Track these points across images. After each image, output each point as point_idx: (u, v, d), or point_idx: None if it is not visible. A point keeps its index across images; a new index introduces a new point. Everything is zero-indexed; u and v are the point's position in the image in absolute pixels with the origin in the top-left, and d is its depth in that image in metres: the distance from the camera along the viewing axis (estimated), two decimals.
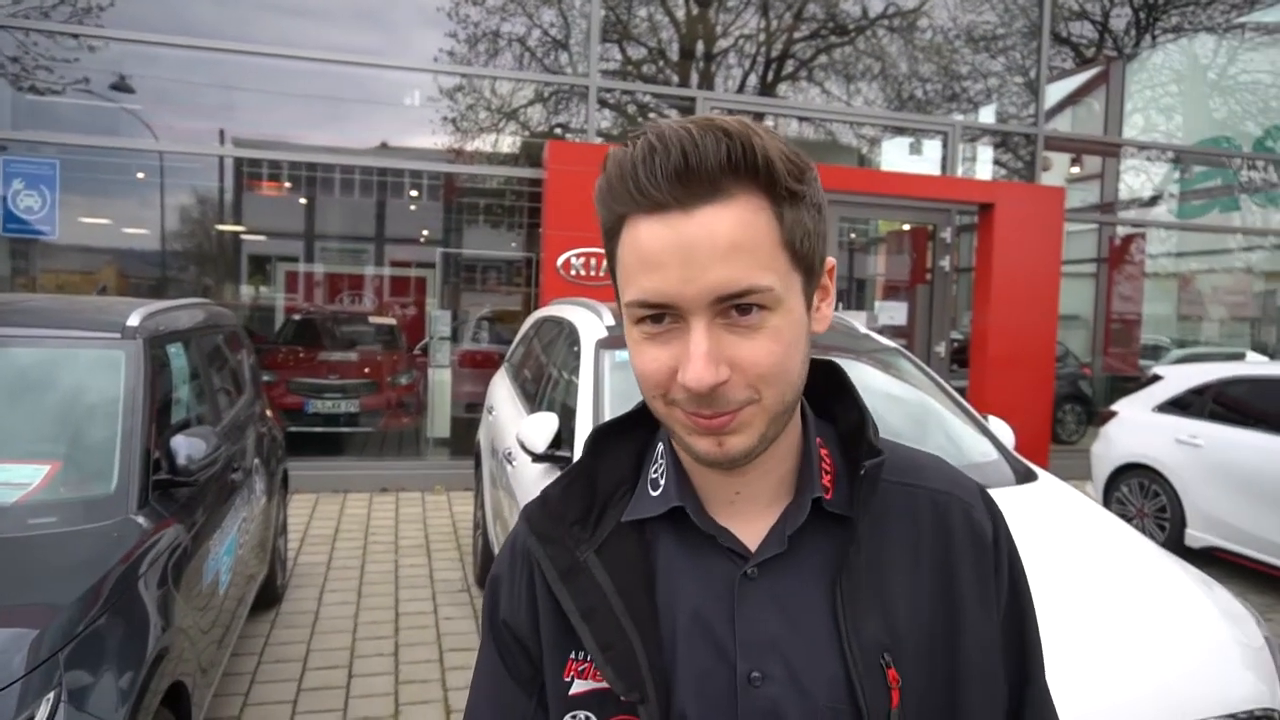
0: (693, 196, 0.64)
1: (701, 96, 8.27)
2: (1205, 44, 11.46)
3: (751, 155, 0.65)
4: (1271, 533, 5.20)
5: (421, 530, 5.99)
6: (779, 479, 0.77)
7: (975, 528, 0.80)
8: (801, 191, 0.68)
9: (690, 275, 0.64)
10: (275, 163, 8.71)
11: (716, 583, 0.74)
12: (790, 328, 0.68)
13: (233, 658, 3.83)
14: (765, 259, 0.66)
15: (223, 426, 3.57)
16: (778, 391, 0.69)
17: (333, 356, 8.36)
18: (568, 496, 0.80)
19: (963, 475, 0.86)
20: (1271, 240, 11.50)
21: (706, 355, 0.65)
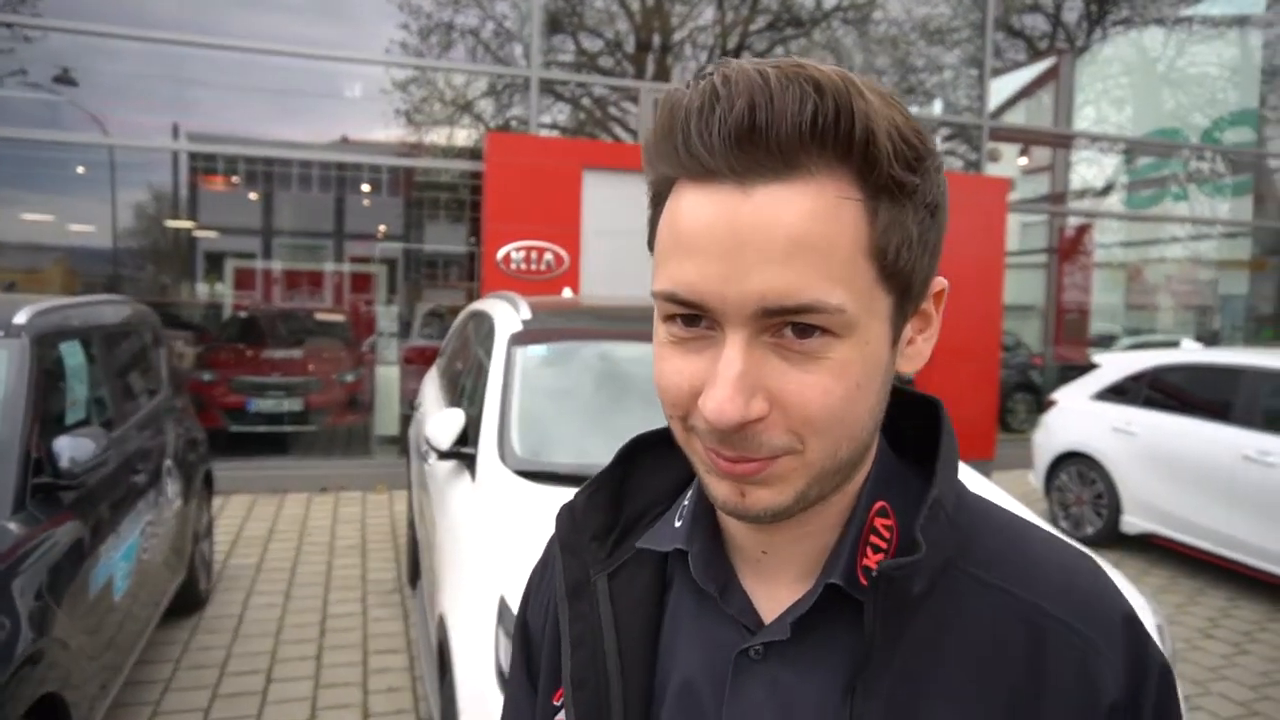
0: (755, 168, 0.49)
1: (645, 87, 8.20)
2: (1154, 37, 11.61)
3: (846, 122, 0.48)
4: (1203, 518, 5.26)
5: (359, 530, 5.89)
6: (823, 546, 0.59)
7: (1086, 679, 0.55)
8: (911, 183, 0.51)
9: (733, 273, 0.49)
10: (229, 157, 8.53)
11: (716, 651, 0.60)
12: (862, 364, 0.52)
13: (144, 665, 3.73)
14: (840, 268, 0.49)
15: (127, 427, 3.45)
16: (828, 444, 0.53)
17: (277, 354, 8.20)
18: (589, 508, 0.69)
19: (1103, 595, 0.59)
20: (1218, 229, 11.68)
21: (737, 381, 0.50)
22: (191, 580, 4.19)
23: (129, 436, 3.43)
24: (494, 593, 2.18)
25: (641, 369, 3.41)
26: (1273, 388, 5.19)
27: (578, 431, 3.04)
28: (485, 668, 2.05)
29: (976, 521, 0.62)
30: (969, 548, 0.60)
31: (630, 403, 3.22)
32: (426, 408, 4.45)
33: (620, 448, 0.71)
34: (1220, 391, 5.44)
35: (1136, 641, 0.58)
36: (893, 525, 0.59)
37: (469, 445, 2.94)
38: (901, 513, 0.60)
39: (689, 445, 0.56)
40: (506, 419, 2.92)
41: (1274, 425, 5.04)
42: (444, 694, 2.36)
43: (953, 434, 0.63)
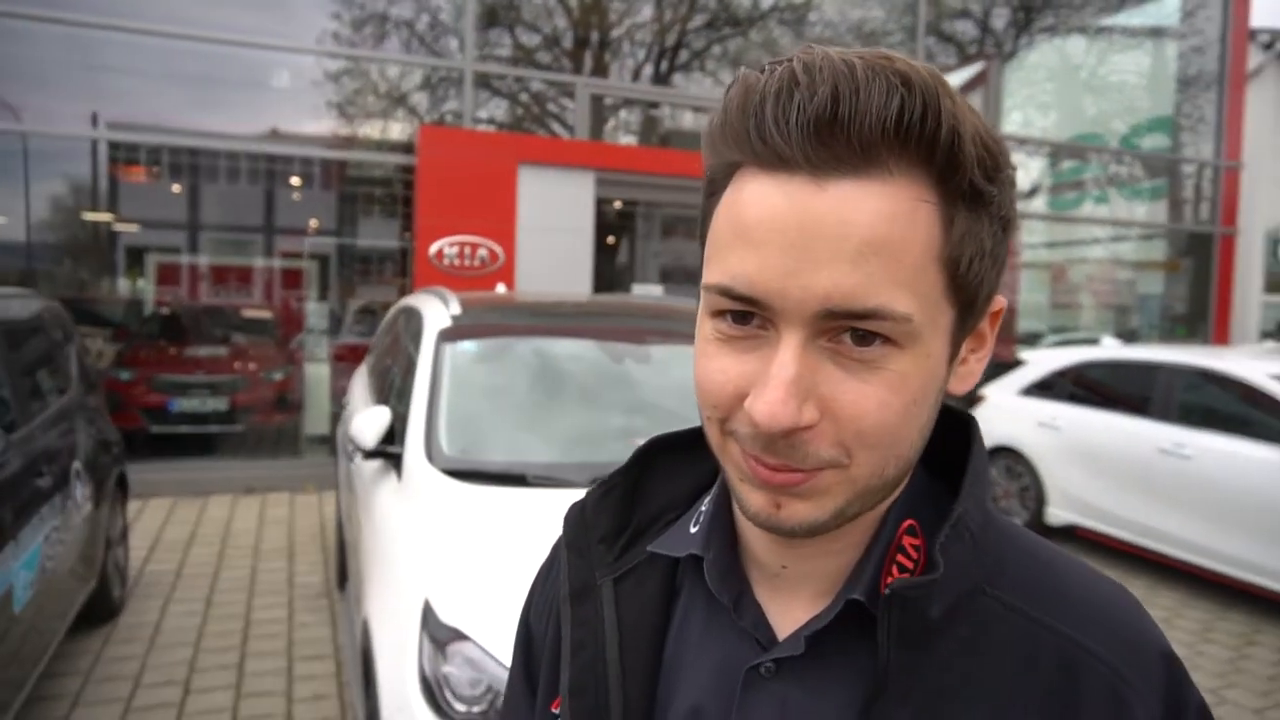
0: (832, 161, 0.46)
1: (581, 82, 8.14)
2: (1077, 45, 11.99)
3: (934, 122, 0.46)
4: (1123, 509, 5.43)
5: (286, 533, 5.71)
6: (847, 563, 0.57)
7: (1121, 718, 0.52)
8: (989, 193, 0.49)
9: (798, 269, 0.46)
10: (152, 147, 8.19)
11: (725, 665, 0.58)
12: (920, 378, 0.49)
13: (51, 679, 3.54)
14: (911, 274, 0.47)
15: (31, 427, 3.27)
16: (876, 460, 0.50)
17: (201, 352, 7.92)
18: (600, 508, 0.66)
19: (1141, 630, 0.56)
20: (1136, 232, 12.12)
21: (790, 385, 0.47)
22: (104, 588, 4.00)
23: (32, 437, 3.25)
24: (418, 597, 2.12)
25: (575, 366, 3.37)
26: (1186, 383, 5.39)
27: (508, 429, 2.98)
28: (409, 675, 1.98)
29: (1005, 546, 0.58)
30: (998, 573, 0.56)
31: (563, 400, 3.18)
32: (354, 406, 4.33)
33: (637, 449, 0.68)
34: (1138, 387, 5.63)
35: (1174, 681, 0.55)
36: (921, 545, 0.56)
37: (395, 444, 2.86)
38: (930, 532, 0.57)
39: (724, 450, 0.53)
40: (434, 417, 2.84)
41: (1188, 419, 5.23)
42: (368, 701, 2.28)
43: (984, 452, 0.60)
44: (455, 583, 2.14)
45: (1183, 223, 12.07)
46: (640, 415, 3.14)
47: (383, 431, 2.85)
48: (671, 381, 3.37)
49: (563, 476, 2.62)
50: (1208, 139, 11.77)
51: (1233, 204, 11.59)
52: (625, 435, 3.01)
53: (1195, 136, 11.91)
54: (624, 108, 9.66)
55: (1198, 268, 11.75)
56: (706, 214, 0.54)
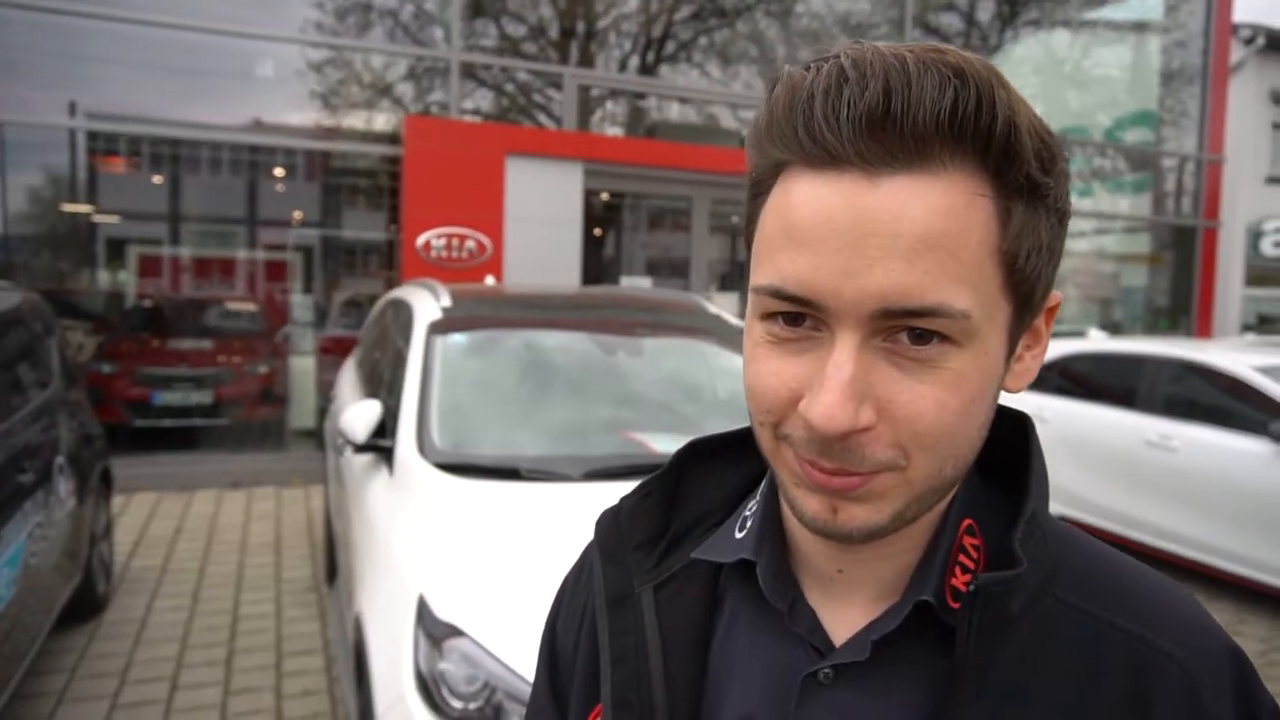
0: (885, 156, 0.45)
1: (568, 73, 8.10)
2: (1062, 38, 12.04)
3: (989, 114, 0.45)
4: (1110, 501, 5.47)
5: (273, 527, 5.66)
6: (904, 566, 0.56)
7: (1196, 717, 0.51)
8: (1045, 186, 0.48)
9: (854, 268, 0.45)
10: (132, 138, 8.07)
11: (779, 672, 0.56)
12: (979, 376, 0.48)
13: (36, 676, 3.50)
14: (968, 270, 0.46)
15: (12, 422, 3.22)
16: (934, 461, 0.49)
17: (184, 345, 7.84)
18: (637, 513, 0.64)
19: (1210, 630, 0.55)
20: (1120, 224, 12.21)
21: (847, 386, 0.46)
22: (88, 584, 3.95)
23: (14, 432, 3.20)
24: (413, 592, 2.09)
25: (566, 358, 3.35)
26: (1172, 375, 5.43)
27: (501, 423, 2.96)
28: (404, 672, 1.96)
29: (1063, 545, 0.57)
30: (1057, 571, 0.55)
31: (555, 393, 3.16)
32: (343, 399, 4.29)
33: (676, 451, 0.66)
34: (1125, 379, 5.67)
35: (1246, 680, 0.54)
36: (980, 545, 0.55)
37: (387, 438, 2.83)
38: (988, 533, 0.56)
39: (777, 455, 0.52)
40: (426, 410, 2.82)
41: (1174, 411, 5.27)
42: (361, 698, 2.26)
43: (1042, 451, 0.59)
44: (450, 578, 2.12)
45: (1166, 216, 12.16)
46: (632, 407, 3.12)
47: (373, 425, 2.82)
48: (663, 373, 3.36)
49: (556, 469, 2.61)
50: (1190, 133, 11.85)
51: (1215, 197, 11.69)
52: (617, 427, 2.99)
53: (1178, 130, 11.99)
54: (611, 99, 9.61)
55: (1180, 261, 11.85)
56: (752, 215, 0.53)
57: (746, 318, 0.53)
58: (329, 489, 4.47)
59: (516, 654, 1.85)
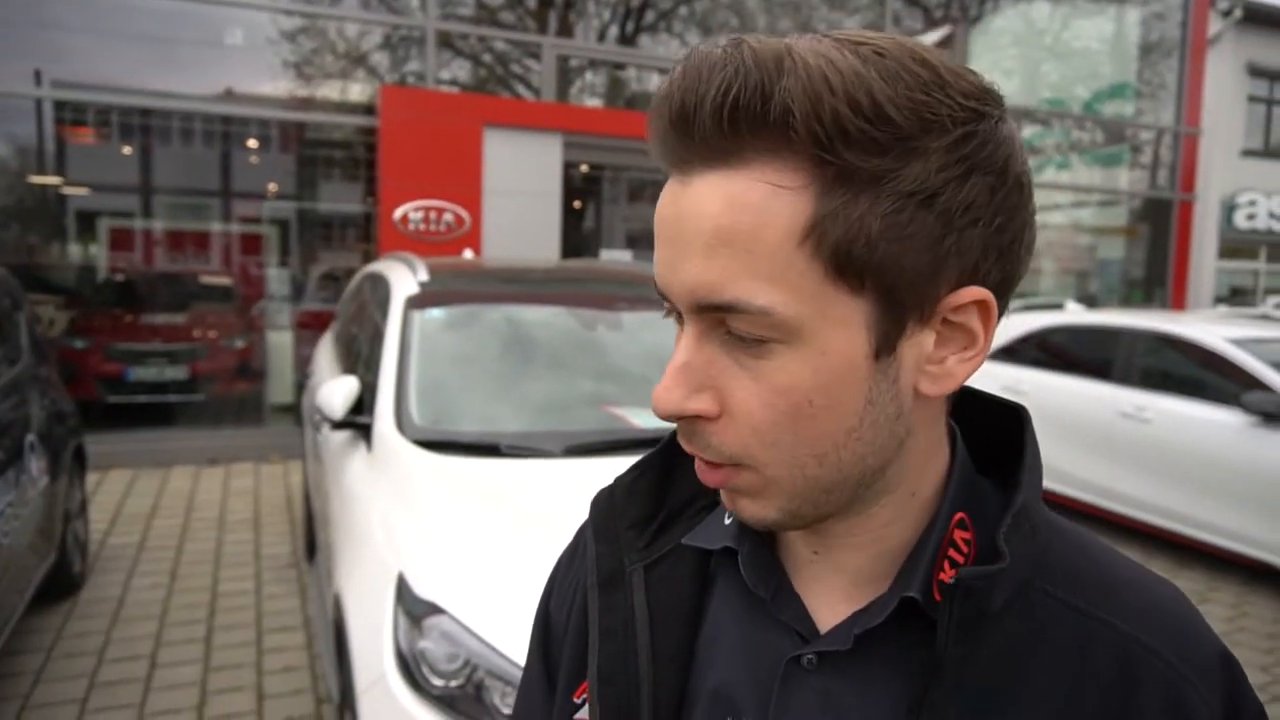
0: (690, 157, 0.47)
1: (547, 43, 7.98)
2: (1041, 10, 12.00)
3: (760, 104, 0.43)
4: (1085, 472, 5.55)
5: (252, 504, 5.63)
6: (883, 554, 0.55)
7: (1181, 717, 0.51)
8: (875, 169, 0.44)
9: (674, 262, 0.48)
10: (101, 108, 7.87)
11: (763, 657, 0.56)
12: (815, 376, 0.46)
13: (11, 656, 3.47)
14: (770, 264, 0.45)
15: None
16: (784, 459, 0.48)
17: (157, 319, 7.72)
18: (630, 494, 0.65)
19: (1200, 630, 0.55)
20: (1097, 197, 12.27)
21: (677, 371, 0.49)
22: (63, 563, 3.91)
23: None
24: (393, 569, 2.08)
25: (546, 333, 3.33)
26: (1147, 347, 5.48)
27: (480, 398, 2.93)
28: (384, 650, 1.95)
29: (1055, 539, 0.56)
30: (1046, 565, 0.55)
31: (535, 368, 3.14)
32: (320, 375, 4.25)
33: (669, 434, 0.64)
34: (1100, 351, 5.72)
35: (1233, 682, 0.54)
36: (971, 539, 0.54)
37: (364, 414, 2.80)
38: (979, 525, 0.55)
39: None
40: (404, 386, 2.79)
41: (1148, 383, 5.33)
42: (342, 676, 2.25)
43: (1037, 443, 0.58)
44: (430, 556, 2.11)
45: (1142, 189, 12.23)
46: (612, 382, 3.11)
47: (351, 401, 2.79)
48: (643, 348, 3.35)
49: (536, 445, 2.59)
50: (1168, 105, 11.90)
51: (1191, 170, 11.76)
52: (598, 402, 2.98)
53: (1155, 103, 12.04)
54: (590, 69, 9.49)
55: (1156, 233, 11.94)
56: None
57: None
58: (307, 465, 4.44)
59: (497, 631, 1.85)
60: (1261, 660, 3.94)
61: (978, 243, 0.47)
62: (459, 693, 1.84)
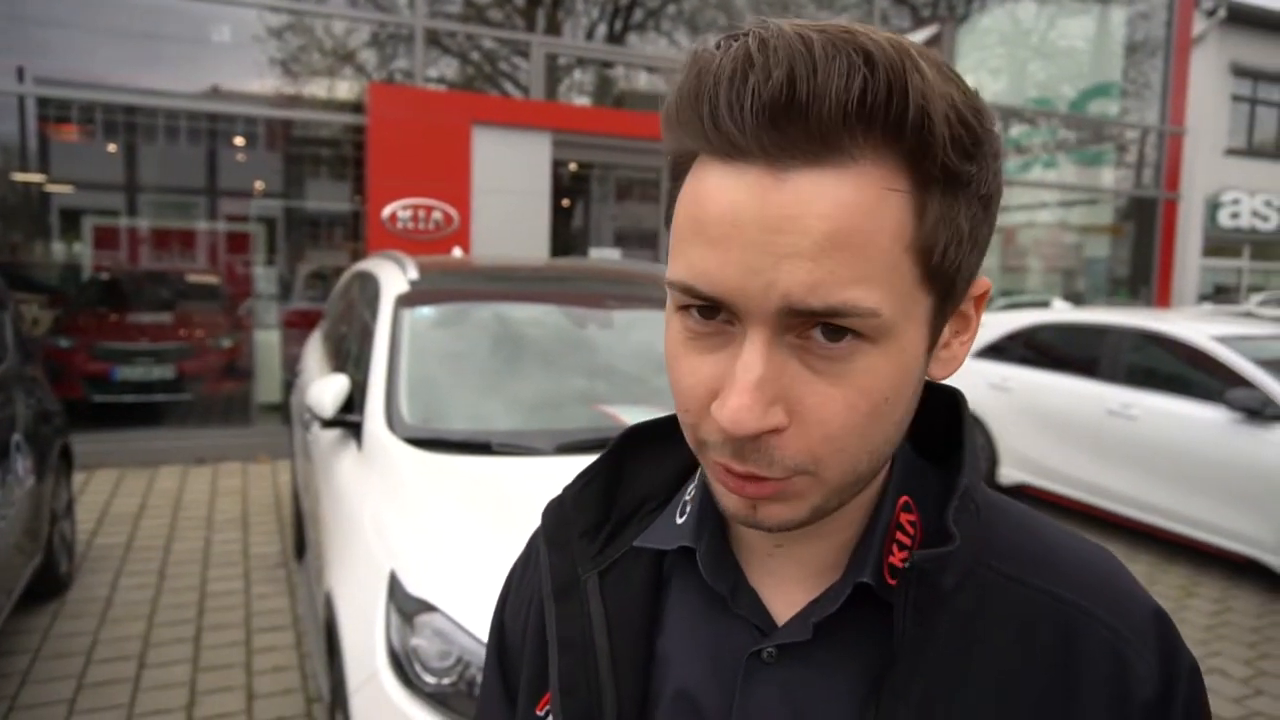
0: (791, 149, 0.43)
1: (536, 41, 7.97)
2: (1028, 9, 12.07)
3: (900, 102, 0.42)
4: (1072, 468, 5.59)
5: (240, 503, 5.60)
6: (841, 544, 0.56)
7: (1121, 675, 0.53)
8: (967, 174, 0.45)
9: (760, 265, 0.44)
10: (85, 105, 7.81)
11: (724, 653, 0.56)
12: (894, 373, 0.47)
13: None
14: (880, 267, 0.44)
15: None
16: (847, 461, 0.48)
17: (144, 318, 7.67)
18: (580, 501, 0.64)
19: (1133, 591, 0.57)
20: (1083, 195, 12.36)
21: (756, 386, 0.45)
22: (50, 563, 3.89)
23: None
24: (384, 568, 2.08)
25: (537, 331, 3.33)
26: (1133, 345, 5.53)
27: (471, 396, 2.93)
28: (376, 648, 1.95)
29: (995, 515, 0.58)
30: (991, 542, 0.56)
31: (525, 366, 3.14)
32: (309, 374, 4.23)
33: (614, 440, 0.66)
34: (1087, 349, 5.77)
35: (1168, 638, 0.55)
36: (916, 520, 0.56)
37: (354, 413, 2.80)
38: (923, 508, 0.56)
39: (701, 454, 0.52)
40: (394, 385, 2.79)
41: (1135, 380, 5.38)
42: (333, 675, 2.25)
43: (973, 425, 0.60)
44: (421, 553, 2.11)
45: (1128, 187, 12.32)
46: (603, 380, 3.11)
47: (341, 400, 2.79)
48: (633, 346, 3.35)
49: (527, 444, 2.60)
50: (1152, 105, 11.98)
51: (1176, 169, 11.85)
52: (589, 400, 2.99)
53: (1140, 102, 12.12)
54: (578, 67, 9.49)
55: (1141, 232, 12.03)
56: (670, 200, 0.51)
57: (667, 311, 0.51)
58: (296, 464, 4.42)
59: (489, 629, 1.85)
60: (1245, 654, 3.98)
61: (991, 236, 0.50)
62: (452, 690, 1.84)
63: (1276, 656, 3.97)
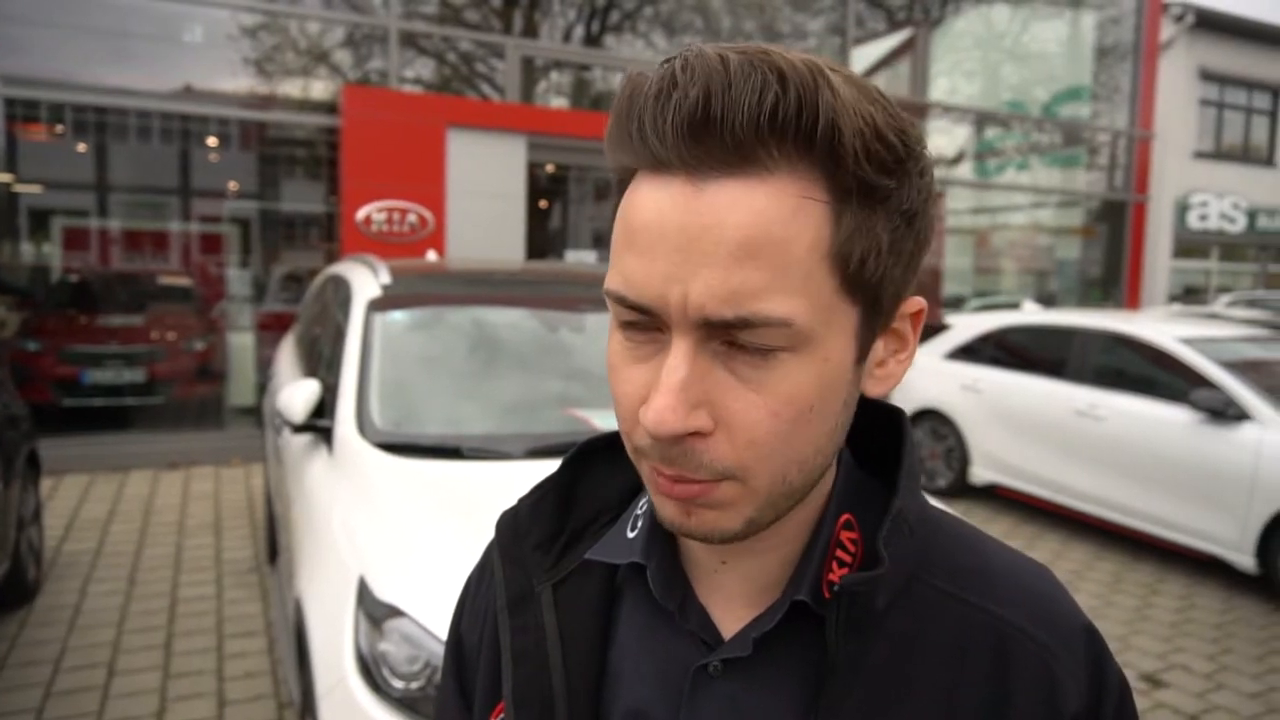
0: (709, 161, 0.45)
1: (511, 43, 7.96)
2: (1001, 13, 12.21)
3: (810, 116, 0.44)
4: (1041, 468, 5.66)
5: (212, 508, 5.56)
6: (784, 560, 0.57)
7: (1050, 691, 0.54)
8: (885, 188, 0.47)
9: (680, 274, 0.45)
10: (54, 104, 7.69)
11: (671, 667, 0.57)
12: (818, 382, 0.48)
13: None
14: (795, 275, 0.46)
15: None
16: (774, 469, 0.49)
17: (114, 321, 7.58)
18: (534, 514, 0.65)
19: (1065, 607, 0.58)
20: (1055, 197, 12.51)
21: (679, 389, 0.46)
22: (17, 570, 3.84)
23: None
24: (354, 573, 2.09)
25: (510, 335, 3.34)
26: (1100, 347, 5.62)
27: (442, 401, 2.94)
28: (345, 653, 1.96)
29: (934, 532, 0.60)
30: (929, 559, 0.58)
31: (498, 371, 3.15)
32: (281, 378, 4.21)
33: (570, 452, 0.67)
34: (1056, 350, 5.85)
35: (1097, 653, 0.57)
36: (858, 539, 0.57)
37: (326, 417, 2.79)
38: (866, 526, 0.57)
39: (638, 464, 0.53)
40: (365, 389, 2.79)
41: (1102, 381, 5.46)
42: (303, 680, 2.25)
43: (914, 444, 0.61)
44: (391, 559, 2.11)
45: (1099, 190, 12.49)
46: (575, 384, 3.13)
47: (312, 405, 2.78)
48: (606, 350, 3.36)
49: (498, 448, 2.60)
50: (1122, 108, 12.16)
51: (1145, 172, 12.03)
52: (560, 404, 3.00)
53: (1111, 106, 12.29)
54: (555, 70, 9.49)
55: (1112, 233, 12.20)
56: (613, 216, 0.53)
57: (610, 326, 0.53)
58: (269, 468, 4.40)
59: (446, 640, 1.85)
60: (1208, 650, 4.06)
61: (920, 254, 0.52)
62: (420, 694, 1.85)
63: (1239, 652, 4.05)
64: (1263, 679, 3.80)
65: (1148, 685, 3.71)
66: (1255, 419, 4.64)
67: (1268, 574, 4.55)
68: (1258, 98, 15.04)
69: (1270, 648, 4.12)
